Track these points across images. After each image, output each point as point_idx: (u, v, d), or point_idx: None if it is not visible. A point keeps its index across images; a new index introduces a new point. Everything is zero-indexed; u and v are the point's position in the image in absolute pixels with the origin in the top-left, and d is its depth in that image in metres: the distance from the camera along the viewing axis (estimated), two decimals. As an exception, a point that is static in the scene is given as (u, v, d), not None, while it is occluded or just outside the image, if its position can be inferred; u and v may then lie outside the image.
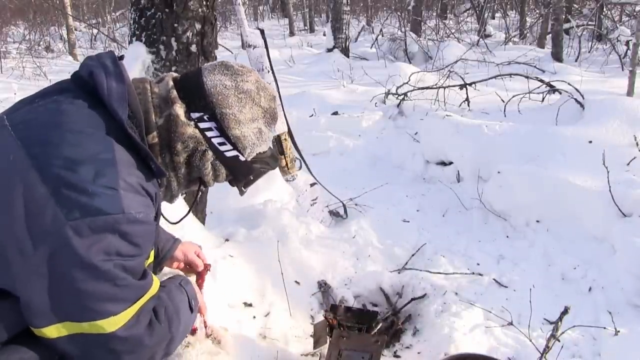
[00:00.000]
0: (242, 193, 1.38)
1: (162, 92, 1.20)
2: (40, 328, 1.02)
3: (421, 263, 2.94)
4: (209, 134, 1.20)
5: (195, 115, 1.19)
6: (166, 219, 1.45)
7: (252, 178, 1.33)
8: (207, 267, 1.71)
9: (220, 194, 3.61)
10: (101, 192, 1.01)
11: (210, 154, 1.22)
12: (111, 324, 1.04)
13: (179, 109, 1.18)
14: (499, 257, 3.02)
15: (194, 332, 1.80)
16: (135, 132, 1.12)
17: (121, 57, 1.21)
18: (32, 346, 1.06)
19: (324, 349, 2.22)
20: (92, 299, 1.01)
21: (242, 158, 1.25)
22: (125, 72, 1.16)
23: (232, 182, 1.34)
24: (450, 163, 4.12)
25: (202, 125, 1.19)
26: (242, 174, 1.30)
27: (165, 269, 1.67)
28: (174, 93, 1.20)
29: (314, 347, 2.21)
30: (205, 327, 1.90)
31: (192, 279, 1.51)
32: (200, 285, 1.69)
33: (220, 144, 1.22)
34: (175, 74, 1.28)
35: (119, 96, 1.11)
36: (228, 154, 1.23)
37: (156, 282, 1.18)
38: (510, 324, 2.40)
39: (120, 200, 1.03)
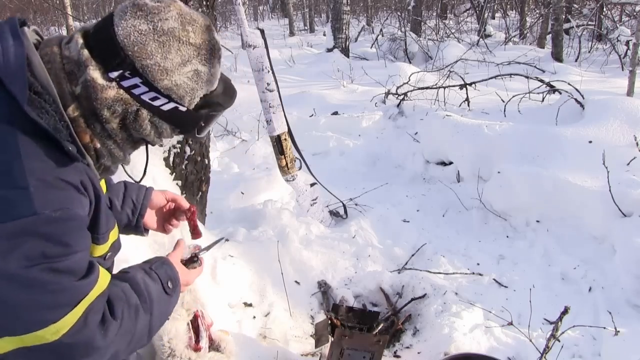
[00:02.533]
0: (200, 139, 1.23)
1: (73, 54, 1.01)
2: None
3: (421, 263, 2.95)
4: (135, 91, 1.03)
5: (114, 74, 1.01)
6: (130, 177, 1.37)
7: (203, 125, 1.15)
8: (192, 207, 1.57)
9: (220, 194, 3.61)
10: (6, 194, 0.90)
11: (144, 112, 1.05)
12: (53, 333, 0.96)
13: (94, 72, 1.00)
14: (499, 257, 3.02)
15: (198, 350, 1.80)
16: (45, 111, 0.97)
17: (23, 23, 1.04)
18: None
19: (325, 348, 2.22)
20: (23, 310, 0.93)
21: (182, 108, 1.08)
22: (26, 38, 1.00)
23: (182, 134, 1.18)
24: (450, 163, 4.12)
25: (125, 83, 1.01)
26: (188, 125, 1.12)
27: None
28: (85, 53, 1.01)
29: (316, 346, 2.21)
30: (210, 343, 1.90)
31: (179, 254, 1.37)
32: (196, 228, 1.56)
33: (153, 99, 1.04)
34: (88, 26, 1.08)
35: (15, 70, 0.95)
36: (165, 108, 1.06)
37: (104, 277, 1.07)
38: (510, 324, 2.40)
39: (32, 201, 0.92)
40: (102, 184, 1.24)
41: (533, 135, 3.55)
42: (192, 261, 1.39)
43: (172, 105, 1.06)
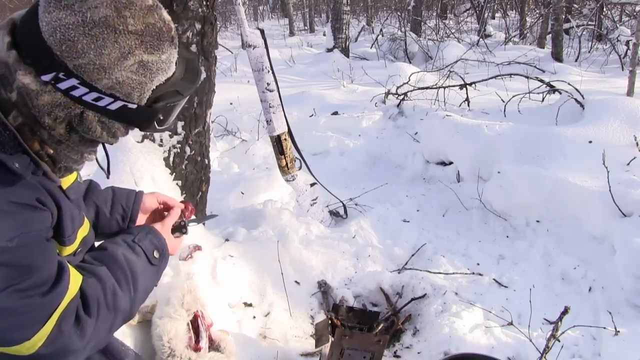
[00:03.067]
0: (161, 130, 1.09)
1: (2, 55, 0.89)
2: None
3: (421, 263, 2.95)
4: (75, 93, 0.90)
5: (47, 77, 0.88)
6: (101, 168, 1.28)
7: (162, 118, 1.02)
8: (186, 204, 1.50)
9: (220, 194, 3.61)
10: None
11: (90, 113, 0.93)
12: (28, 348, 0.94)
13: (25, 77, 0.88)
14: (499, 257, 3.02)
15: (198, 350, 1.80)
16: None
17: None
18: None
19: (326, 348, 2.22)
20: None
21: (132, 106, 0.95)
22: None
23: (141, 130, 1.06)
24: (450, 163, 4.12)
25: (61, 86, 0.88)
26: (143, 121, 1.00)
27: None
28: (13, 55, 0.88)
29: (316, 346, 2.21)
30: (210, 343, 1.90)
31: (171, 221, 1.34)
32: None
33: (96, 99, 0.91)
34: (16, 17, 0.94)
35: None
36: (112, 107, 0.93)
37: (75, 279, 1.02)
38: (510, 324, 2.40)
39: None
40: (73, 176, 1.16)
41: (533, 135, 3.55)
42: (179, 230, 1.35)
43: (119, 103, 0.93)
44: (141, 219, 1.42)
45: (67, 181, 1.13)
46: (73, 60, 0.87)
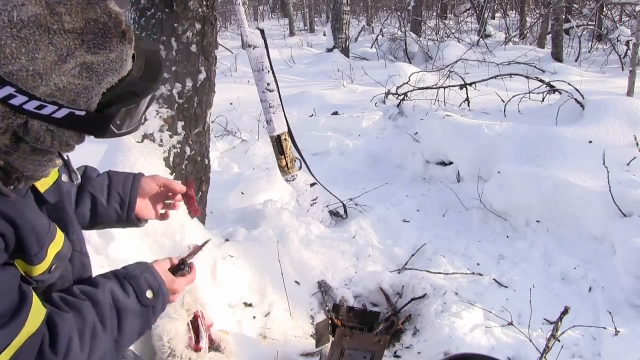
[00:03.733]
0: (123, 134, 0.95)
1: None
2: None
3: (421, 263, 2.95)
4: (14, 102, 0.79)
5: None
6: (73, 171, 1.15)
7: (118, 123, 0.90)
8: (189, 184, 1.41)
9: (220, 194, 3.61)
10: None
11: (36, 123, 0.83)
12: None
13: None
14: (499, 257, 3.02)
15: (198, 350, 1.80)
16: None
17: None
18: None
19: (326, 348, 2.22)
20: None
21: (80, 113, 0.84)
22: None
23: (97, 137, 0.93)
24: (450, 163, 4.12)
25: None
26: (96, 128, 0.88)
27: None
28: None
29: (317, 346, 2.21)
30: (210, 344, 1.90)
31: (166, 262, 1.25)
32: (192, 205, 1.43)
33: (38, 107, 0.81)
34: None
35: None
36: (58, 115, 0.83)
37: (36, 313, 0.92)
38: (510, 324, 2.40)
39: None
40: (51, 178, 1.07)
41: (533, 135, 3.55)
42: (179, 268, 1.26)
43: (65, 111, 0.83)
44: (142, 204, 1.34)
45: (44, 184, 1.04)
46: (3, 67, 0.76)
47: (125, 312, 1.04)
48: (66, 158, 1.03)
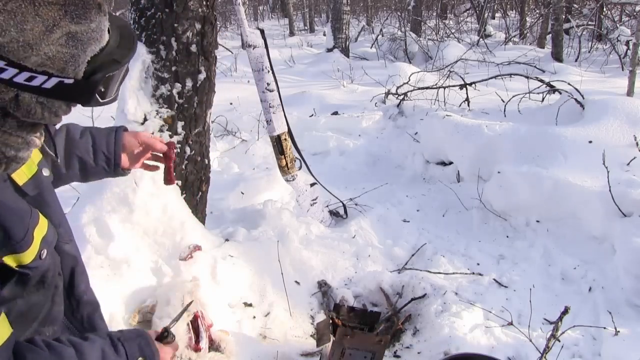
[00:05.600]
0: (105, 103, 1.01)
1: None
2: None
3: (421, 263, 2.95)
4: (4, 75, 0.85)
5: None
6: (55, 156, 1.19)
7: (102, 90, 0.97)
8: (170, 145, 1.44)
9: (220, 194, 3.61)
10: None
11: (26, 95, 0.88)
12: None
13: None
14: (499, 257, 3.02)
15: (198, 350, 1.80)
16: None
17: None
18: None
19: (326, 347, 2.22)
20: None
21: (69, 81, 0.89)
22: None
23: (84, 105, 0.99)
24: (450, 163, 4.12)
25: None
26: (84, 96, 0.95)
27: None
28: None
29: (317, 345, 2.21)
30: (210, 344, 1.90)
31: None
32: (170, 173, 1.48)
33: (29, 79, 0.86)
34: None
35: None
36: (48, 85, 0.88)
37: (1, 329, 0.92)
38: (510, 324, 2.40)
39: None
40: (29, 171, 1.10)
41: (533, 135, 3.55)
42: (164, 336, 1.25)
43: (54, 80, 0.88)
44: (125, 159, 1.40)
45: (22, 176, 1.07)
46: None
47: None
48: (42, 142, 1.04)
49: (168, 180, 1.50)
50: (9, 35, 0.81)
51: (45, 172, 1.16)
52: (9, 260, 0.96)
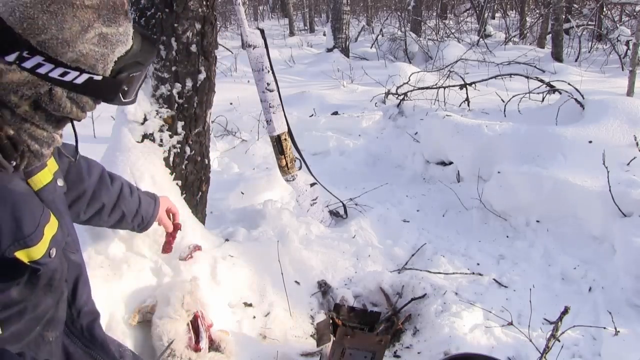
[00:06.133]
0: (126, 103, 1.13)
1: None
2: None
3: (421, 263, 2.94)
4: (41, 70, 0.94)
5: (11, 57, 0.91)
6: (66, 156, 1.30)
7: (125, 89, 1.06)
8: (177, 227, 1.82)
9: (220, 194, 3.61)
10: None
11: (59, 90, 0.98)
12: None
13: None
14: (499, 257, 3.02)
15: (198, 350, 1.80)
16: None
17: None
18: None
19: (326, 347, 2.22)
20: None
21: (98, 78, 0.99)
22: None
23: (108, 102, 1.10)
24: (450, 163, 4.12)
25: (26, 65, 0.92)
26: (110, 92, 1.04)
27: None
28: None
29: (318, 345, 2.21)
30: (210, 344, 1.90)
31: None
32: (169, 245, 1.88)
33: (62, 74, 0.95)
34: None
35: None
36: (79, 81, 0.98)
37: None
38: (510, 324, 2.40)
39: None
40: (46, 178, 1.16)
41: (533, 135, 3.55)
42: None
43: (85, 76, 0.98)
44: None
45: (39, 181, 1.14)
46: (36, 36, 0.90)
47: None
48: (60, 139, 1.13)
49: (165, 250, 1.87)
50: (50, 32, 0.91)
51: (60, 182, 1.24)
52: (21, 255, 1.02)
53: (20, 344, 1.06)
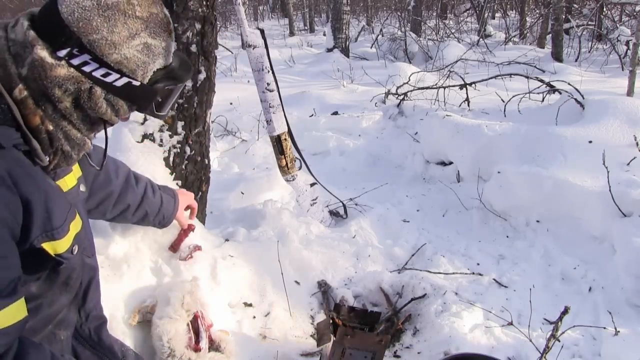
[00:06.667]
0: (161, 117, 1.20)
1: (19, 37, 1.00)
2: None
3: (421, 263, 2.94)
4: (86, 68, 1.01)
5: (62, 52, 0.99)
6: (92, 165, 1.36)
7: (160, 100, 1.14)
8: (190, 227, 1.93)
9: (220, 194, 3.61)
10: None
11: (98, 89, 1.04)
12: None
13: (42, 51, 0.99)
14: (499, 257, 3.02)
15: (197, 350, 1.80)
16: None
17: None
18: None
19: (326, 347, 2.22)
20: None
21: (136, 83, 1.06)
22: None
23: (140, 111, 1.16)
24: (450, 163, 4.12)
25: (74, 61, 1.00)
26: (144, 100, 1.11)
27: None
28: (31, 34, 1.00)
29: (318, 345, 2.21)
30: (210, 344, 1.90)
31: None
32: (178, 243, 1.96)
33: (104, 75, 1.03)
34: (34, 10, 1.06)
35: None
36: (118, 84, 1.05)
37: (18, 309, 0.96)
38: (510, 324, 2.40)
39: None
40: (71, 181, 1.22)
41: (533, 135, 3.55)
42: None
43: (125, 80, 1.05)
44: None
45: (65, 185, 1.19)
46: (88, 35, 0.99)
47: None
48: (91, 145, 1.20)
49: (172, 248, 1.94)
50: (101, 33, 1.00)
51: (82, 188, 1.30)
52: (47, 247, 1.06)
53: (34, 339, 1.07)
